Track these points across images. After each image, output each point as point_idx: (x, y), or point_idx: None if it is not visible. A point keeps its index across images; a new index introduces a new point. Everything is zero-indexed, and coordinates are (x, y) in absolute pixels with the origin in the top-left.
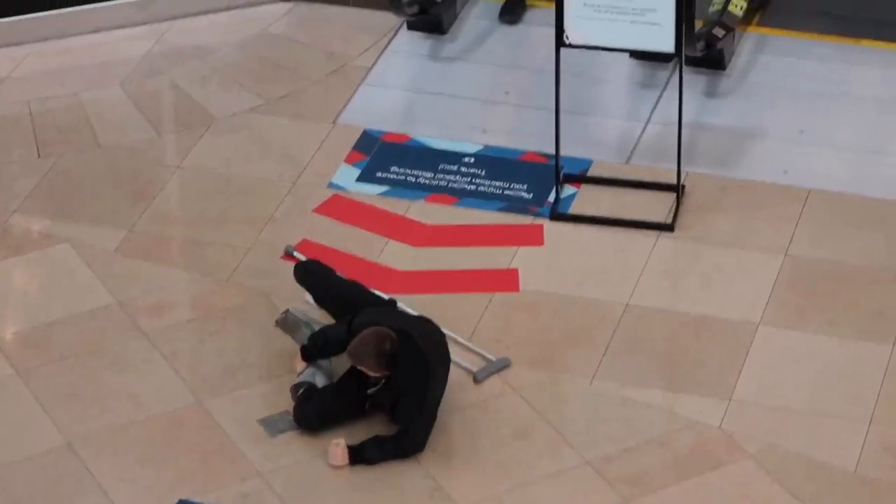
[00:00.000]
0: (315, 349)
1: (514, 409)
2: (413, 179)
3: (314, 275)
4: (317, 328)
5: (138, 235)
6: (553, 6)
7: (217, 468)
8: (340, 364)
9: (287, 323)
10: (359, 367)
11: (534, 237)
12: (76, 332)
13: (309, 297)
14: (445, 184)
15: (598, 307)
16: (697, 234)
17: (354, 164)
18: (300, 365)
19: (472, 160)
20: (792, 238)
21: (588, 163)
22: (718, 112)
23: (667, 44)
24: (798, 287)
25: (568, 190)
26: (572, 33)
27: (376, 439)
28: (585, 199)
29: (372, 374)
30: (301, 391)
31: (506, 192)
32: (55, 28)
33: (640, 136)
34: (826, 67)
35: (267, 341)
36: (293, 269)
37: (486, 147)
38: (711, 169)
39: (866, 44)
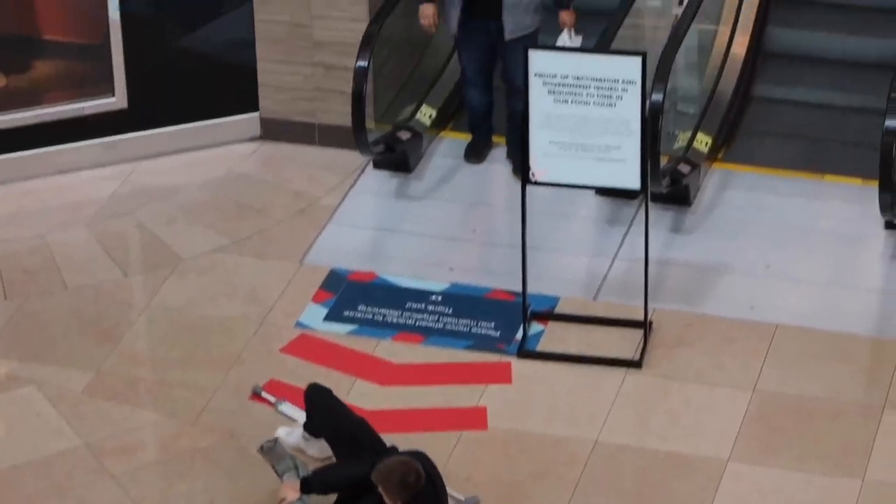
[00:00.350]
0: (322, 485)
1: None
2: (380, 318)
3: (327, 399)
4: (300, 464)
5: (105, 376)
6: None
7: None
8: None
9: (274, 451)
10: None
11: (502, 375)
12: (43, 475)
13: (283, 432)
14: (413, 322)
15: (566, 445)
16: (665, 371)
17: (322, 303)
18: (290, 495)
19: (439, 298)
20: (760, 373)
21: (555, 300)
22: (685, 248)
23: (632, 180)
24: (766, 422)
25: (535, 327)
26: (538, 170)
27: None
28: (553, 337)
29: (389, 501)
30: None
31: (473, 330)
32: (20, 170)
33: (607, 273)
34: (791, 202)
35: (235, 483)
36: (308, 386)
37: (453, 285)
38: (678, 305)
39: (830, 179)
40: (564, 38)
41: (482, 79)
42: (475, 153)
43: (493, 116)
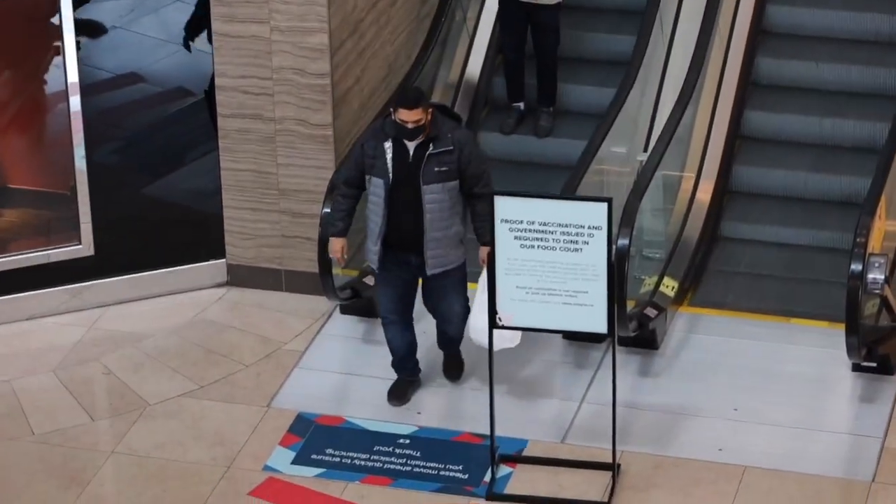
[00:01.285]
0: None
1: None
2: (348, 461)
3: None
4: None
5: None
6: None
7: None
8: None
9: None
10: None
11: None
12: None
13: None
14: (381, 465)
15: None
16: None
17: (289, 447)
18: None
19: (408, 441)
20: None
21: (524, 443)
22: (652, 391)
23: (599, 324)
24: None
25: (504, 470)
26: (505, 315)
27: None
28: (521, 479)
29: None
30: None
31: (441, 473)
32: None
33: (575, 416)
34: (758, 345)
35: None
36: None
37: (421, 428)
38: (646, 447)
39: (796, 322)
40: (483, 281)
41: (401, 316)
42: (399, 395)
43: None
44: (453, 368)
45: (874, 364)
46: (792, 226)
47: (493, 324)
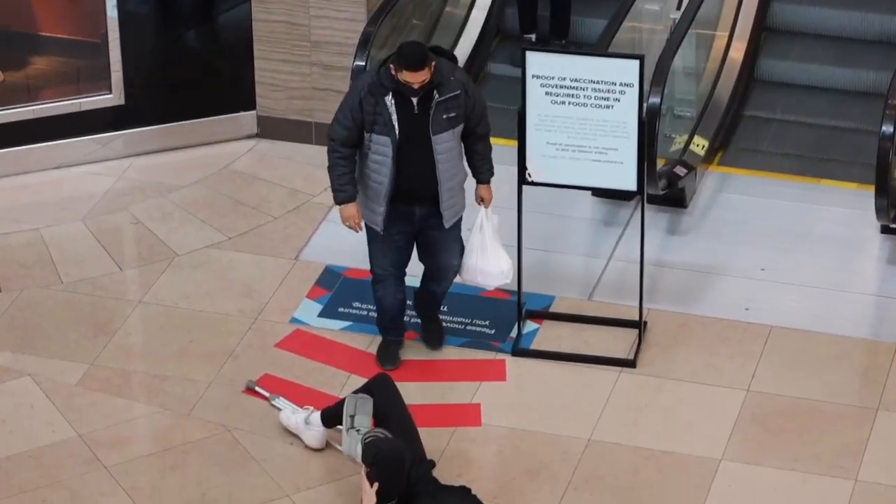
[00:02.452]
0: None
1: None
2: (375, 315)
3: (391, 394)
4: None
5: (99, 369)
6: (515, 144)
7: None
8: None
9: (364, 407)
10: None
11: (496, 373)
12: (36, 466)
13: (288, 410)
14: (408, 319)
15: (559, 442)
16: (659, 371)
17: (316, 300)
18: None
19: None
20: (754, 374)
21: (550, 299)
22: (680, 250)
23: (629, 182)
24: (760, 423)
25: (530, 326)
26: (535, 171)
27: None
28: (547, 336)
29: None
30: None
31: (468, 328)
32: (17, 164)
33: (602, 274)
34: (787, 206)
35: (227, 476)
36: (382, 377)
37: None
38: (673, 306)
39: (826, 183)
40: (482, 221)
41: (396, 273)
42: (392, 358)
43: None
44: (436, 332)
45: None
46: (830, 64)
47: (522, 180)
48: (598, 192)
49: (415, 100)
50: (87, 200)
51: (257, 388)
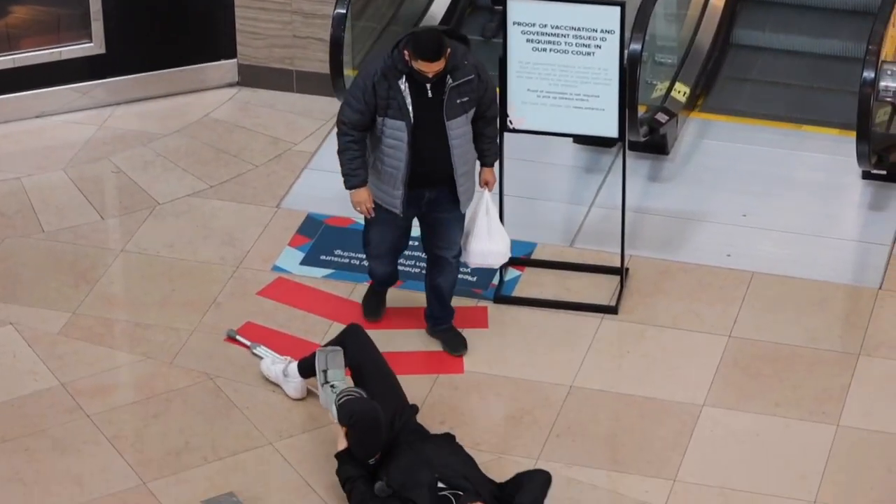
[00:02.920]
0: None
1: None
2: (357, 262)
3: (363, 342)
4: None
5: (82, 318)
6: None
7: None
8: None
9: (335, 360)
10: None
11: (478, 319)
12: (18, 415)
13: (268, 360)
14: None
15: (542, 389)
16: (641, 317)
17: (298, 248)
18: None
19: (416, 244)
20: (735, 320)
21: (532, 246)
22: (662, 196)
23: (610, 129)
24: (742, 368)
25: (512, 273)
26: (516, 118)
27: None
28: (529, 282)
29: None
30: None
31: None
32: None
33: (584, 220)
34: (768, 152)
35: (210, 424)
36: (353, 326)
37: None
38: (655, 252)
39: (808, 129)
40: (487, 204)
41: (392, 254)
42: (375, 311)
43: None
44: (457, 339)
45: (884, 172)
46: (806, 34)
47: (503, 127)
48: (580, 139)
49: (429, 84)
50: (68, 149)
51: (238, 337)
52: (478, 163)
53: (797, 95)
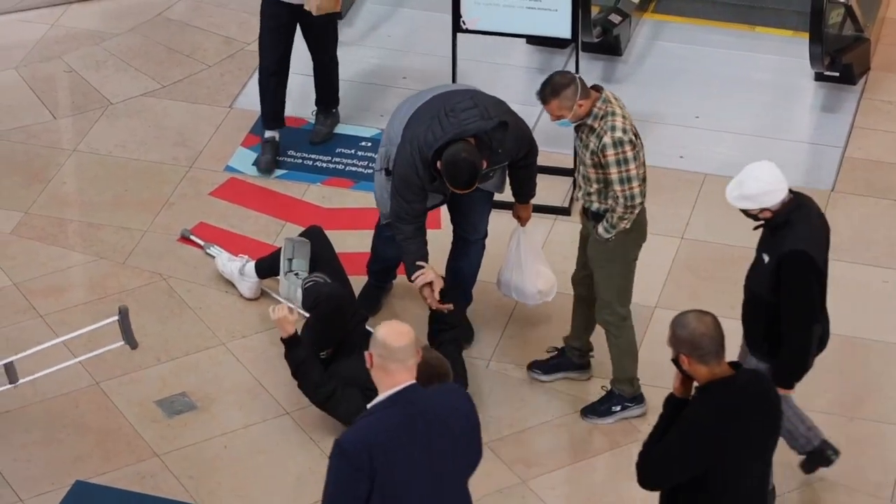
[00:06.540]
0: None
1: None
2: (310, 163)
3: (324, 243)
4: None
5: (34, 218)
6: None
7: (113, 449)
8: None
9: (301, 249)
10: None
11: (432, 220)
12: None
13: (224, 258)
14: (342, 167)
15: (494, 290)
16: None
17: (251, 148)
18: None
19: (369, 144)
20: (688, 222)
21: None
22: None
23: (563, 29)
24: (694, 270)
25: None
26: (469, 19)
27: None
28: None
29: None
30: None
31: None
32: None
33: (537, 122)
34: (721, 53)
35: (163, 324)
36: (315, 227)
37: (383, 131)
38: None
39: (761, 30)
40: (519, 238)
41: (420, 223)
42: (373, 305)
43: None
44: (466, 333)
45: (837, 74)
46: None
47: (456, 27)
48: (533, 40)
49: None
50: (19, 48)
51: (192, 237)
52: None
53: None
